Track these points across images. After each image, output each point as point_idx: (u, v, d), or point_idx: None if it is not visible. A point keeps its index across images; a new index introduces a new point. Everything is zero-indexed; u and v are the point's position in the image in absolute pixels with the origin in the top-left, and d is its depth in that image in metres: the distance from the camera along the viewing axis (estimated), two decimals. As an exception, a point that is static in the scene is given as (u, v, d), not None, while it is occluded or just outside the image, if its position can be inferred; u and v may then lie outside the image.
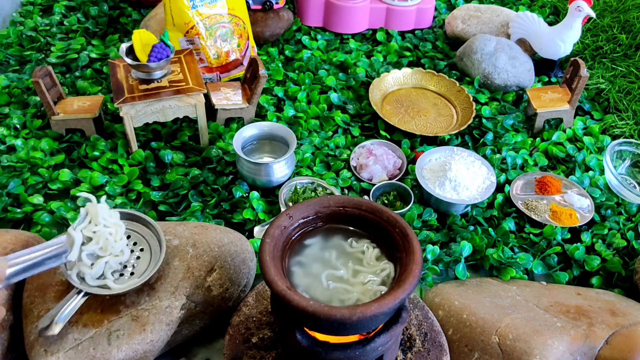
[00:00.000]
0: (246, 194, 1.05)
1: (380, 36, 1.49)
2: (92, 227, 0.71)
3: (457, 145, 1.17)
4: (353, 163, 1.13)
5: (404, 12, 1.49)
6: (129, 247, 0.77)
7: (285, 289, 0.54)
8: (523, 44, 1.41)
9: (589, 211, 1.04)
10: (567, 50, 1.34)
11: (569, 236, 1.01)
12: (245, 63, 1.30)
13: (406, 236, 0.57)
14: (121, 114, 1.03)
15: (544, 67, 1.41)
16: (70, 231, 0.63)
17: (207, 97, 1.15)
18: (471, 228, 1.02)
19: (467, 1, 1.66)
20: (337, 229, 0.66)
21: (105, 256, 0.73)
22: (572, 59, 1.22)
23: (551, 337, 0.76)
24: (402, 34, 1.53)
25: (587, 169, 1.15)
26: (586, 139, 1.21)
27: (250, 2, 1.35)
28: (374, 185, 1.07)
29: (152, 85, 1.04)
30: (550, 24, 1.48)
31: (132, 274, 0.75)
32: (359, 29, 1.50)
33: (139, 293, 0.76)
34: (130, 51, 1.03)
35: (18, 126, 1.16)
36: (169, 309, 0.75)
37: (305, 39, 1.45)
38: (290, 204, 1.02)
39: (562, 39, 1.32)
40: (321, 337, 0.59)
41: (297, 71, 1.36)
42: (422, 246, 0.97)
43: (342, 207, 0.63)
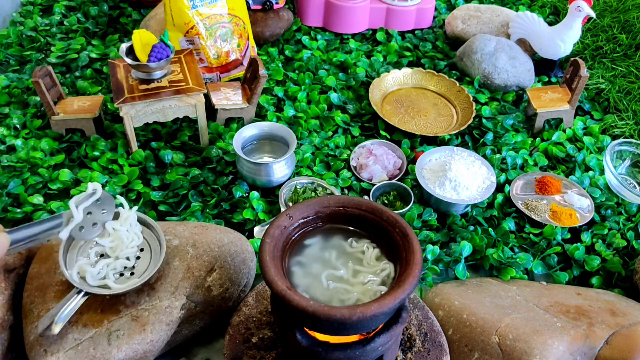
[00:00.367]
0: (246, 194, 1.05)
1: (380, 36, 1.49)
2: (116, 226, 0.75)
3: (457, 145, 1.17)
4: (353, 163, 1.13)
5: (404, 12, 1.49)
6: (134, 249, 0.77)
7: (285, 289, 0.54)
8: (523, 44, 1.41)
9: (589, 211, 1.04)
10: (567, 50, 1.34)
11: (569, 236, 1.01)
12: (245, 63, 1.30)
13: (406, 236, 0.57)
14: (121, 114, 1.03)
15: (544, 67, 1.41)
16: (71, 205, 0.64)
17: (207, 97, 1.15)
18: (471, 228, 1.02)
19: (467, 1, 1.66)
20: (337, 229, 0.66)
21: (111, 257, 0.74)
22: (572, 59, 1.22)
23: (551, 337, 0.76)
24: (402, 34, 1.53)
25: (587, 169, 1.15)
26: (586, 139, 1.21)
27: (250, 2, 1.35)
28: (374, 185, 1.07)
29: (152, 85, 1.04)
30: (550, 24, 1.48)
31: (132, 274, 0.75)
32: (359, 29, 1.50)
33: (139, 293, 0.76)
34: (130, 51, 1.03)
35: (18, 126, 1.16)
36: (169, 309, 0.75)
37: (305, 39, 1.45)
38: (290, 204, 1.02)
39: (562, 39, 1.32)
40: (321, 337, 0.59)
41: (297, 71, 1.36)
42: (422, 246, 0.97)
43: (342, 207, 0.63)
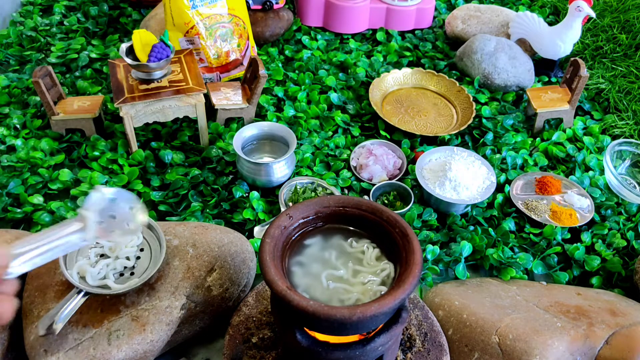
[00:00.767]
0: (246, 194, 1.05)
1: (380, 36, 1.49)
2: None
3: (457, 145, 1.17)
4: (353, 163, 1.13)
5: (404, 12, 1.49)
6: (134, 249, 0.77)
7: (285, 289, 0.54)
8: (523, 44, 1.41)
9: (589, 211, 1.04)
10: (567, 50, 1.34)
11: (569, 236, 1.01)
12: (245, 63, 1.30)
13: (406, 236, 0.57)
14: (121, 114, 1.03)
15: (544, 67, 1.41)
16: (81, 212, 0.57)
17: (207, 97, 1.15)
18: (471, 228, 1.02)
19: (467, 1, 1.66)
20: (337, 228, 0.66)
21: (111, 257, 0.74)
22: (572, 59, 1.22)
23: (551, 337, 0.76)
24: (402, 34, 1.53)
25: (587, 169, 1.15)
26: (586, 139, 1.20)
27: (250, 2, 1.35)
28: (374, 185, 1.07)
29: (152, 85, 1.04)
30: (550, 24, 1.48)
31: (132, 273, 0.75)
32: (359, 29, 1.50)
33: (139, 293, 0.76)
34: (130, 51, 1.03)
35: (18, 126, 1.16)
36: (169, 309, 0.75)
37: (305, 39, 1.44)
38: (290, 204, 1.02)
39: (562, 39, 1.32)
40: (321, 337, 0.59)
41: (297, 71, 1.36)
42: (422, 246, 0.97)
43: (342, 207, 0.63)
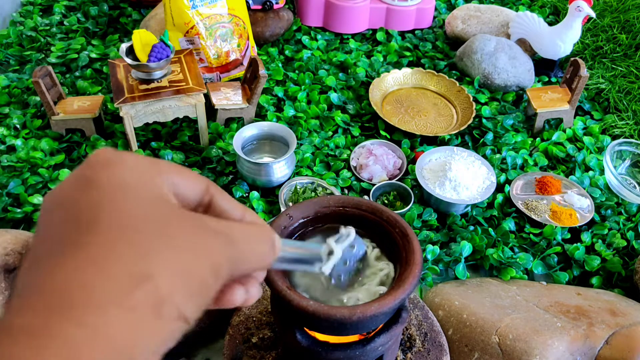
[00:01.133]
0: (246, 194, 1.05)
1: (380, 36, 1.49)
2: None
3: (457, 145, 1.17)
4: (353, 163, 1.13)
5: (404, 12, 1.49)
6: None
7: (285, 288, 0.54)
8: (523, 44, 1.41)
9: (589, 211, 1.04)
10: (567, 50, 1.34)
11: (569, 236, 1.01)
12: (245, 63, 1.30)
13: (406, 236, 0.57)
14: (121, 114, 1.03)
15: (544, 67, 1.41)
16: (330, 242, 0.53)
17: (207, 97, 1.15)
18: (471, 228, 1.02)
19: (467, 1, 1.66)
20: (338, 229, 0.66)
21: None
22: (572, 59, 1.22)
23: (551, 337, 0.76)
24: (402, 34, 1.53)
25: (587, 169, 1.15)
26: (586, 139, 1.20)
27: (250, 2, 1.35)
28: (374, 185, 1.07)
29: (152, 85, 1.04)
30: (550, 24, 1.48)
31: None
32: (359, 29, 1.50)
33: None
34: (130, 51, 1.03)
35: (18, 126, 1.16)
36: (169, 309, 0.75)
37: (305, 39, 1.44)
38: (290, 204, 1.02)
39: (562, 39, 1.32)
40: (321, 337, 0.59)
41: (297, 71, 1.36)
42: (422, 246, 0.97)
43: (342, 207, 0.63)
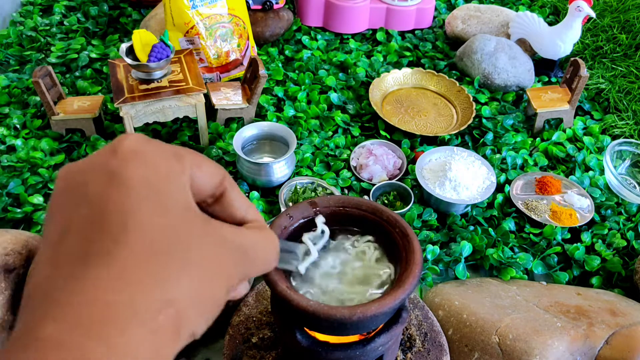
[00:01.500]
0: (246, 194, 1.05)
1: (380, 36, 1.49)
2: None
3: (457, 145, 1.17)
4: (353, 163, 1.13)
5: (404, 12, 1.49)
6: None
7: (286, 288, 0.54)
8: (523, 44, 1.41)
9: (589, 211, 1.04)
10: (567, 50, 1.34)
11: (569, 236, 1.01)
12: (245, 63, 1.30)
13: (406, 236, 0.57)
14: (121, 114, 1.03)
15: (544, 67, 1.41)
16: (307, 242, 0.52)
17: (207, 97, 1.15)
18: (471, 228, 1.02)
19: (467, 1, 1.66)
20: (339, 230, 0.66)
21: None
22: (572, 59, 1.22)
23: (551, 337, 0.76)
24: (402, 34, 1.53)
25: (587, 169, 1.15)
26: (586, 139, 1.20)
27: (250, 2, 1.35)
28: (374, 185, 1.07)
29: (152, 85, 1.04)
30: (550, 24, 1.48)
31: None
32: (359, 29, 1.50)
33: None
34: (130, 51, 1.03)
35: (18, 126, 1.16)
36: (169, 309, 0.75)
37: (305, 39, 1.44)
38: (291, 204, 1.02)
39: (562, 39, 1.32)
40: (321, 337, 0.59)
41: (297, 71, 1.36)
42: (422, 246, 0.97)
43: (342, 207, 0.62)
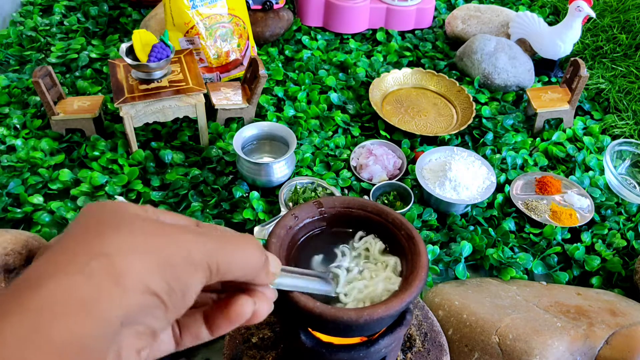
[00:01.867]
0: (246, 194, 1.05)
1: (380, 36, 1.49)
2: None
3: (457, 145, 1.17)
4: (353, 163, 1.13)
5: (404, 12, 1.49)
6: None
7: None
8: (523, 44, 1.41)
9: (589, 211, 1.04)
10: (567, 50, 1.34)
11: (569, 236, 1.01)
12: (245, 63, 1.30)
13: (412, 238, 0.57)
14: (121, 114, 1.02)
15: (544, 67, 1.41)
16: (335, 271, 0.55)
17: (207, 97, 1.15)
18: (471, 228, 1.02)
19: (467, 1, 1.66)
20: (343, 232, 0.64)
21: None
22: (572, 59, 1.23)
23: (551, 337, 0.76)
24: (402, 34, 1.53)
25: (587, 169, 1.15)
26: (586, 139, 1.21)
27: (250, 2, 1.35)
28: (374, 185, 1.07)
29: (152, 85, 1.04)
30: (550, 24, 1.48)
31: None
32: (359, 29, 1.50)
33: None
34: (130, 51, 1.03)
35: (18, 126, 1.16)
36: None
37: (305, 39, 1.44)
38: (290, 204, 1.02)
39: (562, 39, 1.32)
40: (325, 338, 0.58)
41: (297, 71, 1.36)
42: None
43: (347, 208, 0.62)
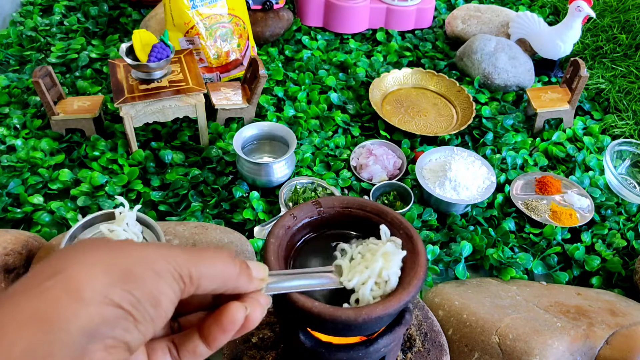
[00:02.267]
0: (246, 194, 1.05)
1: (380, 36, 1.49)
2: (112, 227, 0.74)
3: (457, 145, 1.17)
4: (353, 163, 1.13)
5: (404, 12, 1.49)
6: None
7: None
8: (523, 44, 1.41)
9: (589, 211, 1.04)
10: (567, 50, 1.34)
11: (569, 236, 1.01)
12: (245, 63, 1.30)
13: (411, 238, 0.57)
14: (121, 114, 1.02)
15: (544, 67, 1.41)
16: (336, 262, 0.55)
17: (207, 97, 1.15)
18: (471, 228, 1.02)
19: (467, 1, 1.66)
20: (342, 234, 0.64)
21: None
22: (572, 59, 1.22)
23: (551, 337, 0.76)
24: (402, 34, 1.53)
25: (587, 169, 1.15)
26: (586, 139, 1.21)
27: (250, 2, 1.35)
28: (374, 185, 1.07)
29: (152, 85, 1.04)
30: (550, 24, 1.48)
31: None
32: (359, 29, 1.50)
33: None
34: (130, 51, 1.03)
35: (18, 126, 1.16)
36: (169, 309, 0.75)
37: (305, 39, 1.44)
38: (290, 204, 1.02)
39: (562, 39, 1.32)
40: (324, 338, 0.58)
41: (297, 71, 1.36)
42: (422, 246, 0.97)
43: (346, 208, 0.62)
